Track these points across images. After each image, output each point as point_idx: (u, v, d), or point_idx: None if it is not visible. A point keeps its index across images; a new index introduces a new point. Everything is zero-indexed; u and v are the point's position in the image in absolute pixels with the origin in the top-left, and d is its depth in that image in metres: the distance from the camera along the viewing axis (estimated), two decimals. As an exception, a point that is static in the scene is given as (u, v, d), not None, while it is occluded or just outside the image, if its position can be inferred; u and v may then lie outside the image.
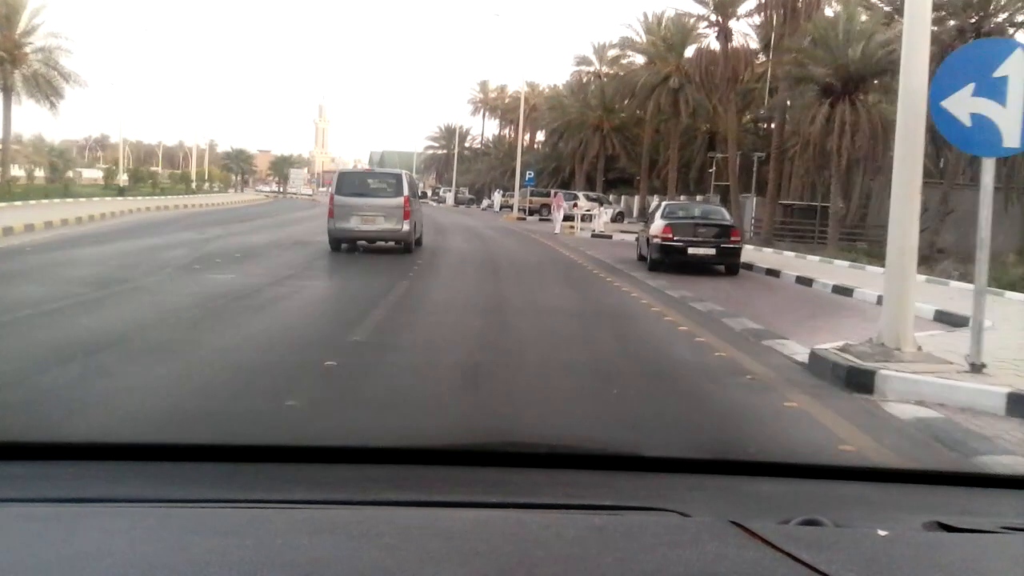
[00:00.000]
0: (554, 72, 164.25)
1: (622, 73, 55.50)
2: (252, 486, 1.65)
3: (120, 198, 43.99)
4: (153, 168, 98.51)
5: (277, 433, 3.86)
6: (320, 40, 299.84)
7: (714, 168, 45.57)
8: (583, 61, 64.85)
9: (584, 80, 66.17)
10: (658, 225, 18.01)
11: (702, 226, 17.86)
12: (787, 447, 5.27)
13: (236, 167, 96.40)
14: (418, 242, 20.61)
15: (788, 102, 32.80)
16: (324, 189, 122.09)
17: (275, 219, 35.90)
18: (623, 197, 57.70)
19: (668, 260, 17.61)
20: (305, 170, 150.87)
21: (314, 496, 1.56)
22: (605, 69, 63.87)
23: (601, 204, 35.33)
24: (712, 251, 17.50)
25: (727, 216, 18.79)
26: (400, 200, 18.74)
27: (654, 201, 53.05)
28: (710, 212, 19.07)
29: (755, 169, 38.86)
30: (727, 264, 17.94)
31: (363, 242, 19.30)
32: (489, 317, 10.60)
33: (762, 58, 40.64)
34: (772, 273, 18.57)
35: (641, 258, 20.41)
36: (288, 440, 2.22)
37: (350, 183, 19.65)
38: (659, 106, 46.07)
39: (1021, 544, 1.47)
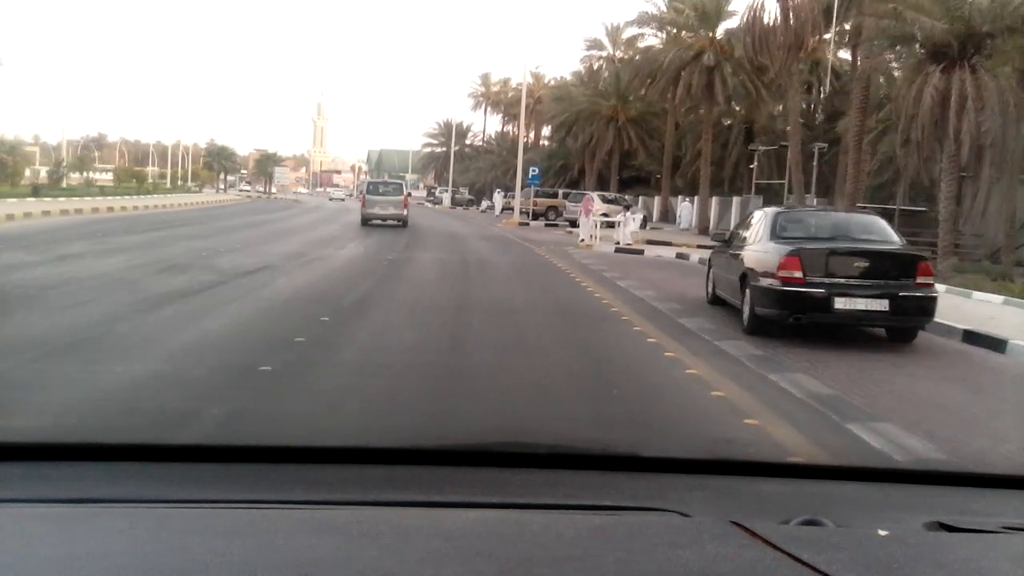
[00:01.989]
0: (562, 64, 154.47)
1: (638, 57, 46.78)
2: (252, 486, 1.59)
3: (32, 199, 35.47)
4: (150, 168, 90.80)
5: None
6: (319, 35, 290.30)
7: (756, 163, 36.94)
8: (594, 45, 56.21)
9: (595, 67, 57.54)
10: (772, 253, 9.36)
11: (859, 256, 9.17)
12: None
13: (218, 165, 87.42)
14: (406, 221, 30.20)
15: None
16: (322, 189, 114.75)
17: (206, 227, 27.19)
18: (640, 198, 49.01)
19: (793, 318, 9.00)
20: (302, 170, 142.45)
21: (314, 496, 1.51)
22: (619, 54, 55.22)
23: (627, 208, 26.41)
24: (883, 304, 8.79)
25: (893, 235, 10.02)
26: (401, 197, 30.82)
27: (681, 202, 44.50)
28: (857, 227, 10.20)
29: (815, 163, 30.24)
30: (905, 328, 9.31)
31: (377, 221, 29.68)
32: None
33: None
34: (981, 342, 9.74)
35: (716, 300, 11.86)
36: (288, 440, 2.01)
37: (372, 186, 32.59)
38: (689, 90, 37.34)
39: (1021, 544, 1.42)
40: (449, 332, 9.04)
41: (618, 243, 24.05)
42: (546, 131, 69.24)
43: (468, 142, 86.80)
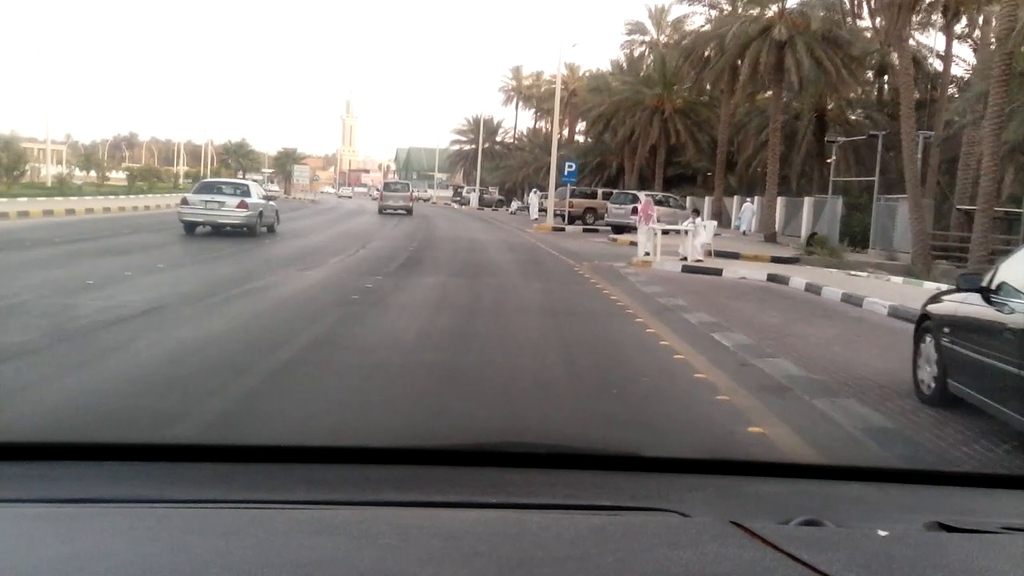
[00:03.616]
0: (598, 57, 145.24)
1: (686, 41, 40.52)
2: (253, 486, 1.55)
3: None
4: (175, 167, 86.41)
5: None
6: (348, 29, 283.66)
7: (833, 158, 30.67)
8: (636, 28, 50.08)
9: (637, 54, 51.37)
10: None
11: None
12: None
13: (235, 163, 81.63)
14: (410, 210, 40.76)
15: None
16: (350, 188, 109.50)
17: (153, 236, 21.51)
18: (688, 198, 42.77)
19: None
20: (331, 169, 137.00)
21: (314, 496, 1.48)
22: (664, 39, 49.03)
23: (696, 213, 19.97)
24: None
25: None
26: (408, 194, 42.81)
27: (741, 204, 38.03)
28: None
29: (920, 157, 23.98)
30: None
31: (390, 210, 40.27)
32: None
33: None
34: None
35: (947, 398, 5.90)
36: (288, 440, 2.05)
37: (387, 185, 47.30)
38: (753, 72, 31.12)
39: (1021, 544, 1.39)
40: None
41: (684, 259, 17.95)
42: (580, 126, 63.25)
43: (499, 139, 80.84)
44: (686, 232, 18.24)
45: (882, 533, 1.31)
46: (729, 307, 11.93)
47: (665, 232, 19.43)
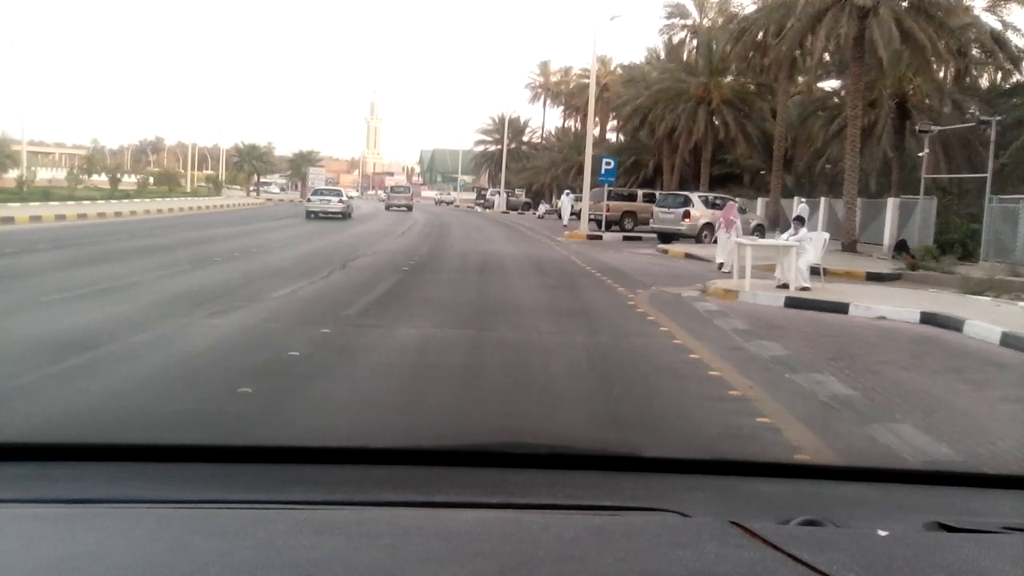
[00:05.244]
0: (632, 51, 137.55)
1: (733, 25, 35.14)
2: (252, 487, 1.51)
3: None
4: (193, 171, 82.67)
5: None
6: (372, 31, 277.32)
7: (926, 151, 25.07)
8: (677, 11, 44.56)
9: (676, 40, 45.94)
10: None
11: None
12: None
13: (249, 166, 76.90)
14: (410, 207, 49.95)
15: None
16: (373, 192, 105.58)
17: (55, 256, 16.56)
18: (736, 199, 37.26)
19: None
20: (355, 172, 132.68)
21: (314, 497, 1.44)
22: (707, 22, 43.56)
23: (801, 222, 14.06)
24: None
25: None
26: (408, 195, 54.45)
27: (797, 204, 32.08)
28: None
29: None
30: None
31: (394, 208, 48.72)
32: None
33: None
34: None
35: None
36: (289, 440, 1.98)
37: (392, 188, 59.63)
38: (825, 47, 25.61)
39: (1021, 544, 1.35)
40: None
41: (784, 285, 12.57)
42: (612, 124, 57.89)
43: (525, 139, 75.66)
44: (792, 251, 12.72)
45: (882, 533, 1.29)
46: (920, 392, 6.63)
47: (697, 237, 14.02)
